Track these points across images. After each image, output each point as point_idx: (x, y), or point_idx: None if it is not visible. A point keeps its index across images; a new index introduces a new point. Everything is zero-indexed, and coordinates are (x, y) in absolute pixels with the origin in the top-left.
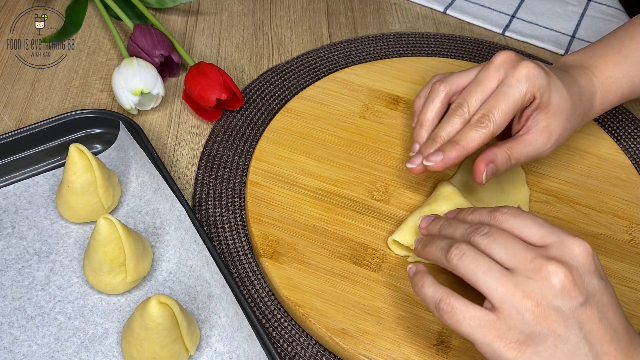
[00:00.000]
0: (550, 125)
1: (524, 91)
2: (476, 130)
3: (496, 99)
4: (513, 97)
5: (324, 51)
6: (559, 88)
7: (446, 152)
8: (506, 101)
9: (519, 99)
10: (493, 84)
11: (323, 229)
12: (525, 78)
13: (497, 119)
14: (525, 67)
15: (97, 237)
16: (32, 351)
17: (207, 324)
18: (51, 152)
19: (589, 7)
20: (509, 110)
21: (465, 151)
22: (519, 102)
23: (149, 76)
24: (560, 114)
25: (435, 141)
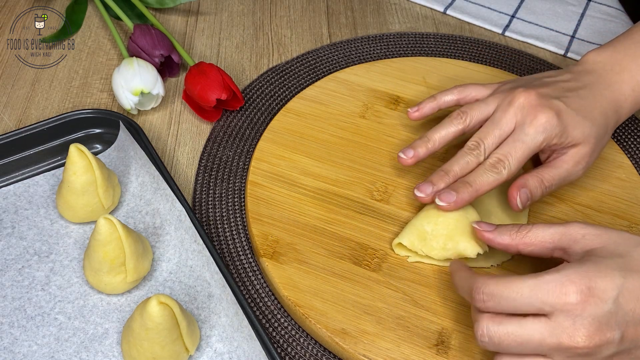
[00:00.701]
0: (578, 153)
1: (540, 140)
2: (490, 174)
3: (513, 146)
4: (529, 146)
5: (324, 51)
6: (578, 123)
7: (459, 193)
8: (522, 150)
9: (534, 148)
10: (510, 127)
11: (323, 229)
12: (542, 129)
13: (512, 166)
14: (544, 115)
15: (97, 237)
16: (32, 351)
17: (207, 324)
18: (51, 152)
19: (589, 7)
20: (524, 158)
21: (477, 193)
22: (534, 150)
23: (149, 76)
24: (586, 143)
25: (447, 175)
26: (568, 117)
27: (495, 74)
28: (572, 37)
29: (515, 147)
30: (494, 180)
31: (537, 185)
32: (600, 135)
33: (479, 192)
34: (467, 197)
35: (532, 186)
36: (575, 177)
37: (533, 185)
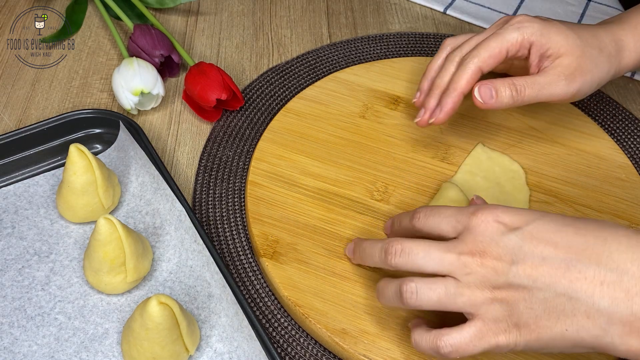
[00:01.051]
0: (561, 64)
1: (515, 35)
2: (463, 67)
3: (486, 39)
4: (502, 37)
5: (324, 51)
6: (559, 30)
7: (443, 103)
8: (494, 40)
9: (508, 40)
10: (489, 33)
11: (323, 229)
12: (516, 24)
13: (482, 54)
14: (519, 16)
15: (97, 237)
16: (32, 351)
17: (207, 324)
18: (51, 152)
19: (589, 7)
20: (496, 46)
21: (456, 92)
22: (508, 42)
23: (149, 76)
24: (570, 54)
25: (434, 90)
26: (550, 23)
27: (495, 74)
28: None
29: (487, 39)
30: (466, 72)
31: (505, 85)
32: (591, 55)
33: (457, 90)
34: (451, 101)
35: (498, 83)
36: (560, 90)
37: (500, 83)
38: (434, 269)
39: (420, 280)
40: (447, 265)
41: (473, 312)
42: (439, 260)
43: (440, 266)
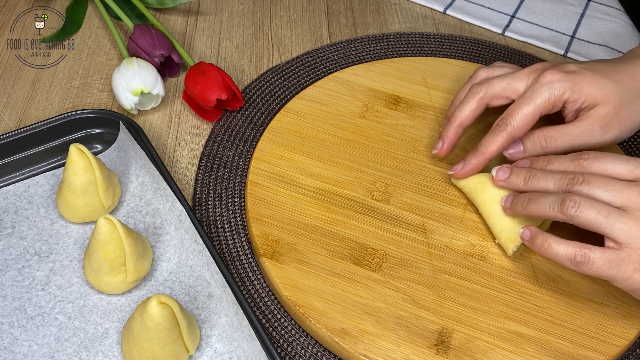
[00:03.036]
0: (596, 112)
1: (547, 96)
2: (494, 134)
3: (517, 103)
4: (533, 101)
5: (324, 51)
6: (592, 81)
7: (467, 161)
8: (527, 106)
9: (539, 104)
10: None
11: (323, 229)
12: (547, 84)
13: (514, 122)
14: (549, 74)
15: (97, 237)
16: (32, 351)
17: (207, 324)
18: (51, 152)
19: (589, 7)
20: (529, 113)
21: (484, 157)
22: (540, 107)
23: (149, 76)
24: (606, 103)
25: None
26: (582, 75)
27: None
28: (572, 37)
29: (519, 104)
30: (497, 139)
31: (534, 140)
32: (630, 101)
33: (485, 154)
34: (475, 162)
35: (526, 139)
36: (596, 139)
37: (529, 138)
38: (609, 199)
39: (585, 198)
40: (623, 198)
41: (623, 243)
42: (618, 191)
43: (617, 198)
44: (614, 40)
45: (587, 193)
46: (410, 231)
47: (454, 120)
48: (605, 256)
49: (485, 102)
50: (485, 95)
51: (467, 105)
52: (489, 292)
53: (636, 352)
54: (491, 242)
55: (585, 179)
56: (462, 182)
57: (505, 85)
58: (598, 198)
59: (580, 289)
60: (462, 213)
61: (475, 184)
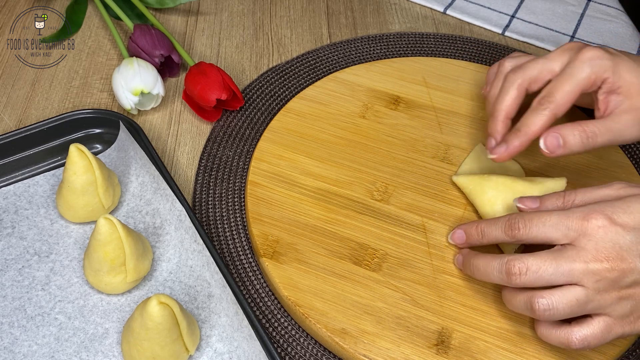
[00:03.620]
0: (635, 105)
1: (588, 72)
2: (536, 113)
3: (558, 80)
4: (575, 77)
5: (324, 51)
6: (631, 68)
7: (509, 142)
8: (568, 82)
9: (581, 80)
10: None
11: (323, 229)
12: (588, 60)
13: (557, 99)
14: (590, 50)
15: (97, 237)
16: (32, 351)
17: (207, 324)
18: (51, 152)
19: (588, 7)
20: (570, 90)
21: (527, 137)
22: (581, 83)
23: (149, 76)
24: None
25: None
26: (622, 59)
27: None
28: (572, 37)
29: (560, 80)
30: (540, 118)
31: (574, 133)
32: None
33: (528, 134)
34: (518, 143)
35: (565, 130)
36: (632, 138)
37: (568, 130)
38: (565, 282)
39: (551, 296)
40: (577, 276)
41: (601, 312)
42: (568, 273)
43: (570, 278)
44: (614, 40)
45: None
46: (410, 231)
47: (499, 113)
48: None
49: (525, 87)
50: (524, 80)
51: (508, 95)
52: (489, 292)
53: (636, 352)
54: None
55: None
56: (462, 181)
57: (540, 67)
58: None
59: None
60: (462, 213)
61: (474, 186)
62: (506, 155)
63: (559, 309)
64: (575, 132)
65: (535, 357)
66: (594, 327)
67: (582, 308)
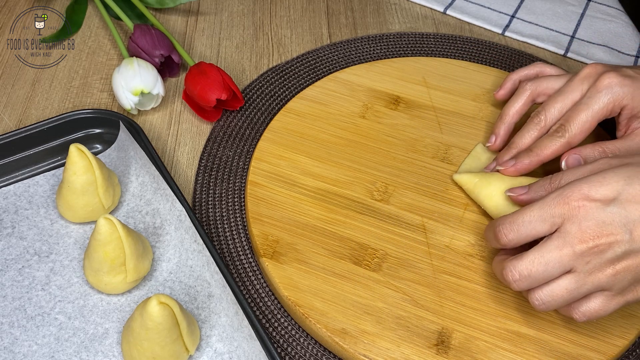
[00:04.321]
0: None
1: (605, 101)
2: (551, 139)
3: (575, 109)
4: (592, 107)
5: (324, 51)
6: None
7: (519, 159)
8: (585, 112)
9: (599, 110)
10: (575, 96)
11: (323, 229)
12: (605, 88)
13: (573, 129)
14: (607, 77)
15: (97, 237)
16: (32, 351)
17: (207, 324)
18: (51, 152)
19: (588, 7)
20: (587, 120)
21: (538, 158)
22: (599, 112)
23: (149, 76)
24: None
25: (510, 148)
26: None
27: (495, 74)
28: (572, 37)
29: (577, 110)
30: (554, 144)
31: (594, 154)
32: None
33: (540, 156)
34: (527, 162)
35: (586, 152)
36: None
37: (589, 151)
38: (559, 274)
39: (541, 292)
40: (567, 264)
41: (600, 290)
42: (559, 264)
43: (562, 268)
44: (614, 40)
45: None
46: (410, 231)
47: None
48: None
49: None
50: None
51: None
52: (489, 292)
53: (636, 352)
54: None
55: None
56: (462, 179)
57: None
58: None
59: None
60: (462, 213)
61: (475, 183)
62: (513, 170)
63: (552, 303)
64: (595, 153)
65: (535, 357)
66: (592, 303)
67: (577, 293)
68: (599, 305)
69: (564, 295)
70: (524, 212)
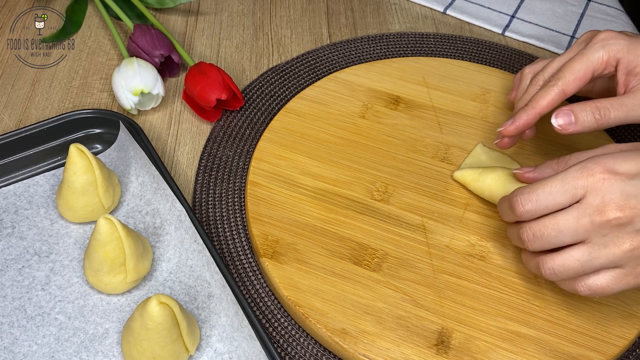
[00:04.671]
0: None
1: (600, 53)
2: (545, 89)
3: (570, 60)
4: (586, 57)
5: (324, 51)
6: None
7: (516, 117)
8: (579, 61)
9: (593, 60)
10: (572, 55)
11: (323, 229)
12: (601, 41)
13: (567, 77)
14: (603, 33)
15: (97, 237)
16: (32, 351)
17: (207, 324)
18: (51, 152)
19: (589, 7)
20: (581, 69)
21: (534, 111)
22: (594, 62)
23: (149, 76)
24: None
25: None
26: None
27: (495, 74)
28: (572, 37)
29: (572, 60)
30: (548, 94)
31: (586, 109)
32: None
33: (535, 108)
34: (525, 117)
35: (577, 107)
36: None
37: (580, 107)
38: (572, 240)
39: (553, 261)
40: (582, 234)
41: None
42: (573, 232)
43: (575, 237)
44: None
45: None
46: (410, 231)
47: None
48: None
49: None
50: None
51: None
52: (489, 292)
53: (636, 352)
54: (491, 242)
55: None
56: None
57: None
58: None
59: None
60: (462, 213)
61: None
62: (513, 129)
63: (563, 272)
64: (587, 108)
65: (535, 357)
66: (602, 278)
67: (589, 265)
68: (607, 282)
69: (575, 266)
70: (544, 183)
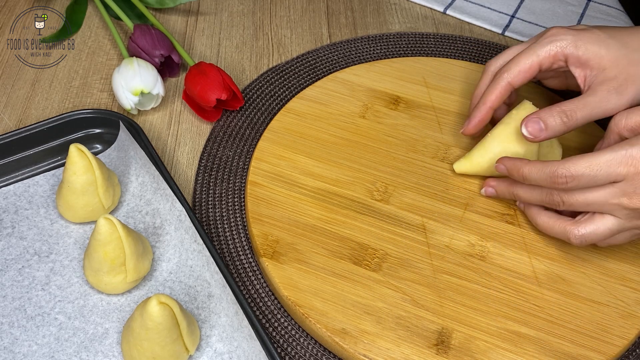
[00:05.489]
0: (606, 77)
1: (547, 48)
2: (493, 84)
3: (519, 54)
4: (534, 52)
5: (324, 51)
6: (598, 39)
7: (471, 116)
8: (525, 55)
9: (539, 55)
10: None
11: (323, 229)
12: (549, 37)
13: (513, 70)
14: (552, 29)
15: (97, 237)
16: (32, 351)
17: (207, 324)
18: (51, 152)
19: (589, 7)
20: (527, 62)
21: (485, 106)
22: (540, 56)
23: (149, 76)
24: (613, 65)
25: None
26: (587, 33)
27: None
28: None
29: (520, 54)
30: (495, 87)
31: (552, 114)
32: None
33: (486, 103)
34: (478, 114)
35: (544, 113)
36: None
37: (547, 112)
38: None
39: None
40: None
41: None
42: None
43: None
44: None
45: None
46: (410, 231)
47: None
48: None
49: None
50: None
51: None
52: (489, 292)
53: (636, 352)
54: (491, 242)
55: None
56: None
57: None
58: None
59: (580, 289)
60: (462, 213)
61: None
62: (472, 127)
63: (592, 239)
64: (553, 112)
65: (535, 357)
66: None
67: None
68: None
69: (605, 235)
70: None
